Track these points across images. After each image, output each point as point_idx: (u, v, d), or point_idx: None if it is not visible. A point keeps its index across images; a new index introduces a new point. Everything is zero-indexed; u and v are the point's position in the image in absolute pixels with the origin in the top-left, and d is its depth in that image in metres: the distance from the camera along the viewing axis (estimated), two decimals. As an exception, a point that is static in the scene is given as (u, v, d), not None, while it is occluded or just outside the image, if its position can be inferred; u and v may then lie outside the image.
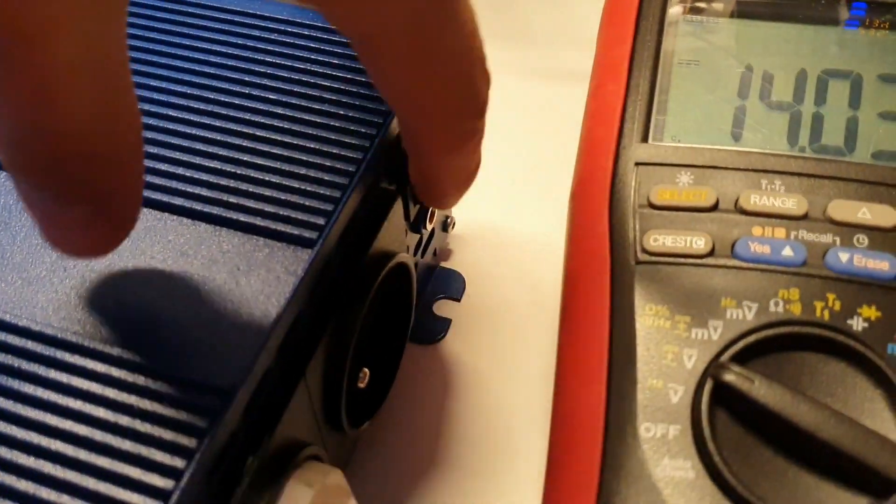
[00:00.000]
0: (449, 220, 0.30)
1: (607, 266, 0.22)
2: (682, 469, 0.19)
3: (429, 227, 0.27)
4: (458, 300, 0.30)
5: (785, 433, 0.19)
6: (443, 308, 0.29)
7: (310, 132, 0.22)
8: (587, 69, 0.36)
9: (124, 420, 0.18)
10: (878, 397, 0.20)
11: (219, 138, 0.22)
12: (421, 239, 0.27)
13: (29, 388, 0.18)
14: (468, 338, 0.29)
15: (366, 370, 0.23)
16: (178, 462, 0.17)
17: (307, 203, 0.21)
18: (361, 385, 0.23)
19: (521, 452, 0.26)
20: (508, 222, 0.32)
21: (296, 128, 0.23)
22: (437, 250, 0.30)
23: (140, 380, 0.18)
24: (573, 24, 0.38)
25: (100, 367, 0.18)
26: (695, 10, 0.26)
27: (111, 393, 0.18)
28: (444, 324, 0.29)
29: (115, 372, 0.18)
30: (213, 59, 0.24)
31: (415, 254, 0.27)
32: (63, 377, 0.18)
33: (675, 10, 0.26)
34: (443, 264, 0.30)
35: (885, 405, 0.20)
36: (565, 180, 0.32)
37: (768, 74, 0.25)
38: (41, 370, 0.18)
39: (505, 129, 0.35)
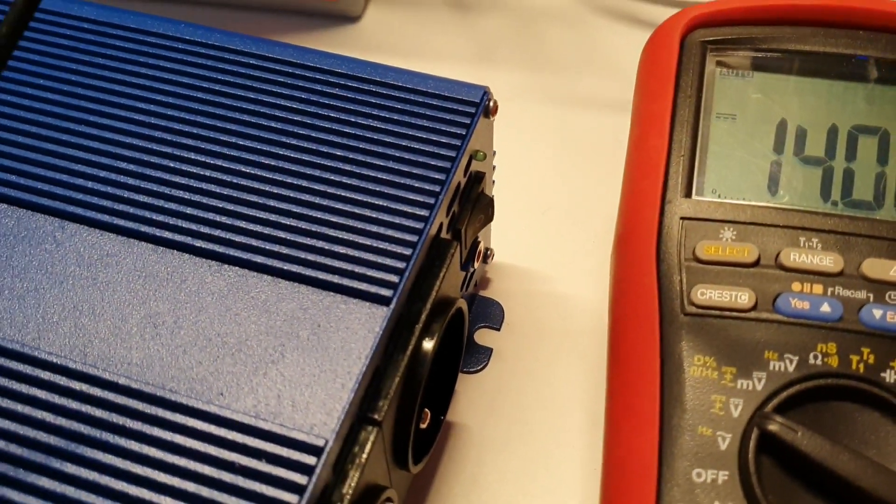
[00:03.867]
0: (489, 251, 0.31)
1: (656, 316, 0.24)
2: (732, 513, 0.21)
3: (475, 265, 0.28)
4: (499, 329, 0.31)
5: (826, 480, 0.21)
6: (484, 337, 0.31)
7: (377, 189, 0.24)
8: (611, 96, 0.38)
9: (227, 477, 0.19)
10: (912, 446, 0.22)
11: (292, 195, 0.24)
12: (466, 275, 0.29)
13: (135, 446, 0.20)
14: (509, 366, 0.30)
15: (427, 411, 0.25)
16: (281, 518, 0.19)
17: (380, 261, 0.23)
18: (423, 426, 0.24)
19: (563, 480, 0.28)
20: (542, 250, 0.33)
21: (363, 185, 0.24)
22: (477, 281, 0.31)
23: (238, 437, 0.20)
24: (596, 51, 0.39)
25: (200, 425, 0.20)
26: (731, 65, 0.27)
27: (213, 450, 0.20)
28: (486, 353, 0.30)
29: (215, 430, 0.20)
30: (278, 113, 0.25)
31: (461, 289, 0.29)
32: (167, 435, 0.20)
33: (712, 65, 0.27)
34: (482, 293, 0.32)
35: (918, 454, 0.21)
36: (596, 207, 0.34)
37: (801, 129, 0.26)
38: (145, 428, 0.20)
39: (535, 156, 0.36)
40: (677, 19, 0.27)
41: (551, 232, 0.34)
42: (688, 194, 0.25)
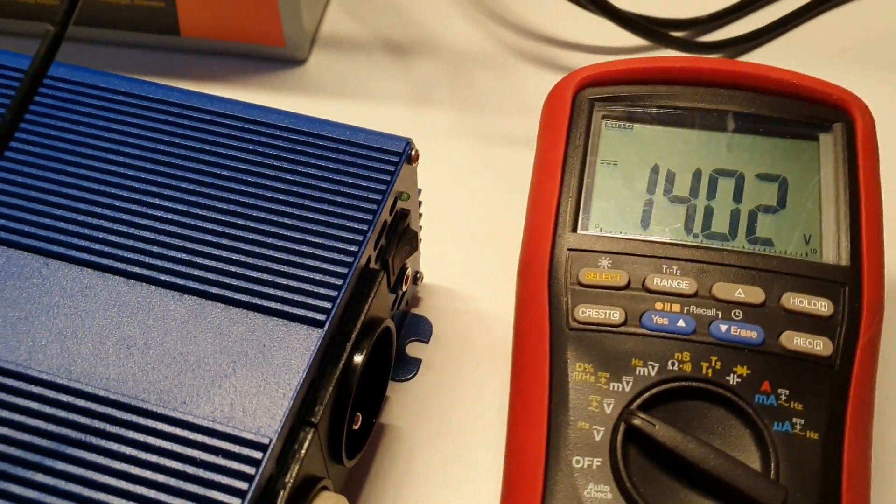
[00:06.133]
0: (419, 274, 0.36)
1: (547, 331, 0.28)
2: (603, 492, 0.26)
3: (404, 288, 0.33)
4: (427, 342, 0.36)
5: (679, 465, 0.26)
6: (414, 349, 0.36)
7: (313, 228, 0.28)
8: (529, 133, 0.42)
9: (190, 469, 0.24)
10: (747, 435, 0.27)
11: (240, 234, 0.28)
12: (396, 297, 0.34)
13: (114, 446, 0.24)
14: (436, 375, 0.35)
15: (359, 414, 0.29)
16: (235, 501, 0.23)
17: (315, 290, 0.27)
18: (355, 427, 0.29)
19: (479, 471, 0.32)
20: (467, 272, 0.38)
21: (301, 224, 0.28)
22: (409, 300, 0.36)
23: (199, 437, 0.24)
24: (516, 92, 0.44)
25: (167, 428, 0.24)
26: (614, 118, 0.32)
27: (177, 448, 0.24)
28: (416, 364, 0.35)
29: (179, 432, 0.24)
30: (228, 163, 0.30)
31: (392, 308, 0.33)
32: (139, 436, 0.24)
33: (598, 118, 0.32)
34: (413, 311, 0.37)
35: (751, 441, 0.26)
36: (515, 234, 0.38)
37: (671, 173, 0.31)
38: (122, 431, 0.24)
39: (463, 188, 0.41)
40: (570, 79, 0.32)
41: (476, 256, 0.38)
42: (574, 229, 0.30)
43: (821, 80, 0.32)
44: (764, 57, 0.44)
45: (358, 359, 0.28)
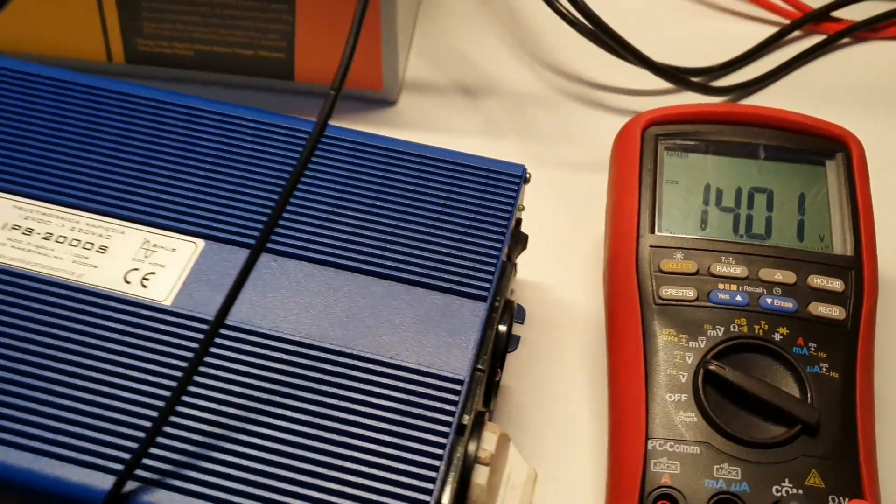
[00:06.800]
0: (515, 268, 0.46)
1: (638, 307, 0.39)
2: (690, 417, 0.36)
3: (514, 277, 0.43)
4: (523, 323, 0.46)
5: (742, 396, 0.36)
6: (514, 329, 0.46)
7: (471, 231, 0.38)
8: (581, 160, 0.53)
9: (413, 398, 0.33)
10: (789, 376, 0.37)
11: (417, 235, 0.38)
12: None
13: (355, 384, 0.34)
14: (532, 348, 0.45)
15: (499, 370, 0.39)
16: (448, 419, 0.33)
17: (479, 274, 0.37)
18: (497, 378, 0.39)
19: (572, 415, 0.42)
20: (549, 269, 0.48)
21: (462, 229, 0.38)
22: (506, 291, 0.46)
23: (413, 376, 0.34)
24: (570, 128, 0.55)
25: (389, 371, 0.34)
26: (674, 149, 0.43)
27: (400, 384, 0.34)
28: (516, 339, 0.45)
29: (398, 373, 0.34)
30: (391, 181, 0.40)
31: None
32: (370, 377, 0.34)
33: (662, 149, 0.43)
34: (509, 298, 0.47)
35: (791, 380, 0.37)
36: (582, 238, 0.49)
37: (719, 190, 0.42)
38: (355, 373, 0.34)
39: (534, 202, 0.51)
40: (638, 120, 0.43)
41: (554, 256, 0.48)
42: (652, 231, 0.40)
43: (825, 120, 0.43)
44: (766, 97, 0.56)
45: (502, 328, 0.38)
